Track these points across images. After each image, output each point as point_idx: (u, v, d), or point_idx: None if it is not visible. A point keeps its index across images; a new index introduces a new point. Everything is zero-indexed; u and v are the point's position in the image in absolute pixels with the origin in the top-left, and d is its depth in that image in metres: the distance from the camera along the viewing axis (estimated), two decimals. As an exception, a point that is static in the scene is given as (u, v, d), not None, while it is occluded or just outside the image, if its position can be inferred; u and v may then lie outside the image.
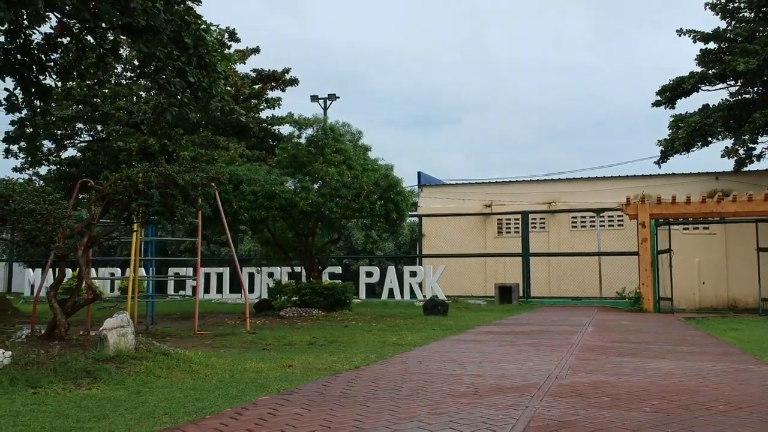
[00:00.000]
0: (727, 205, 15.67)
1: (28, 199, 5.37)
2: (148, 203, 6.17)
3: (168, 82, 11.51)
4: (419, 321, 12.94)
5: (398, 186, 14.13)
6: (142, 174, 6.10)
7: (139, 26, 10.98)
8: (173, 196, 6.30)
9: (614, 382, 4.85)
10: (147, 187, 6.18)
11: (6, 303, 14.48)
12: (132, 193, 6.25)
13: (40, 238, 5.45)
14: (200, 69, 12.21)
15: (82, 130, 32.17)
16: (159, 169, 6.14)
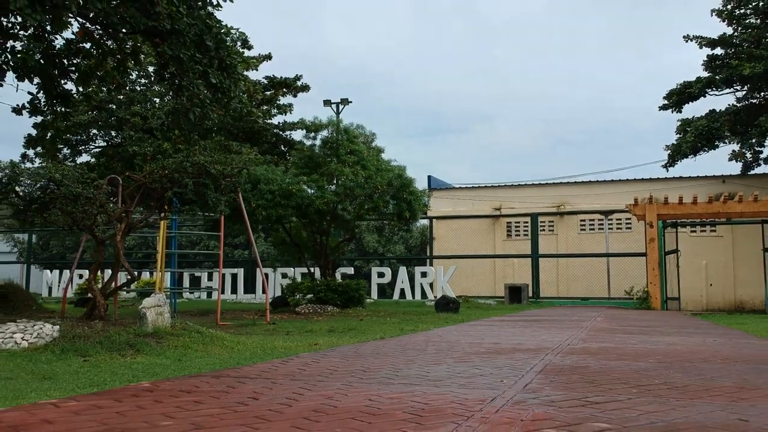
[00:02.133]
0: (733, 205, 15.96)
1: (77, 184, 5.77)
2: (182, 192, 6.56)
3: (191, 84, 11.96)
4: (432, 316, 13.29)
5: (411, 186, 14.51)
6: (177, 163, 6.49)
7: (164, 30, 11.44)
8: (206, 185, 6.69)
9: (621, 348, 5.25)
10: (181, 177, 6.57)
11: (30, 299, 14.86)
12: (167, 182, 6.64)
13: (85, 221, 5.83)
14: (221, 71, 12.64)
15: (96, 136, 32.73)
16: (193, 158, 6.54)
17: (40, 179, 5.58)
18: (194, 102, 12.81)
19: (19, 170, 5.69)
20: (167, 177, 6.54)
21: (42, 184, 5.58)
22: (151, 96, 31.91)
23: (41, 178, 5.58)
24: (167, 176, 6.52)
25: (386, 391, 3.40)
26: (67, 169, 5.83)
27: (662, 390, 3.43)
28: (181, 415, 2.81)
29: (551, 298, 20.83)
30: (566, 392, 3.36)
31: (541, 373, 4.01)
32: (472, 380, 3.76)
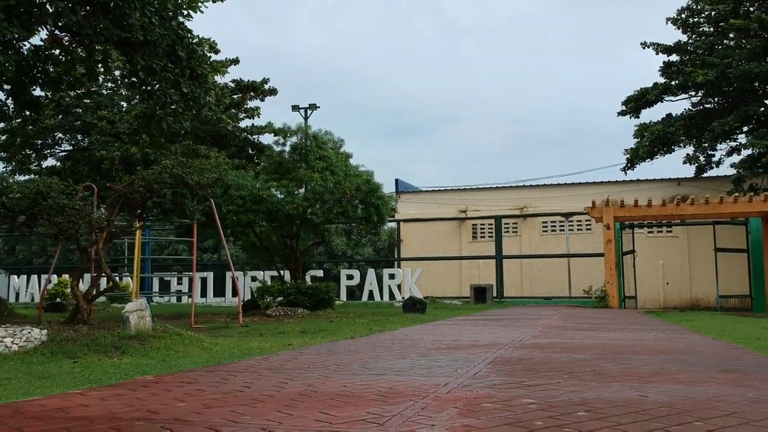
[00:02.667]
0: (685, 207, 16.75)
1: (62, 196, 6.10)
2: (161, 201, 6.93)
3: (164, 93, 12.27)
4: (399, 317, 13.77)
5: (378, 191, 14.99)
6: (156, 174, 6.86)
7: (137, 41, 11.73)
8: (183, 195, 7.07)
9: (567, 343, 5.81)
10: (160, 187, 6.94)
11: (2, 304, 14.95)
12: (146, 192, 7.01)
13: (69, 231, 6.17)
14: (192, 80, 12.96)
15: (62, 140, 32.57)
16: (171, 170, 6.91)
17: (29, 192, 5.90)
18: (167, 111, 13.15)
19: (7, 183, 6.00)
20: (146, 187, 6.90)
21: (29, 197, 5.90)
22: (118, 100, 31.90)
23: (29, 191, 5.91)
24: (146, 187, 6.88)
25: (357, 380, 3.91)
26: (54, 182, 6.16)
27: (588, 376, 3.99)
28: (190, 399, 3.34)
29: (515, 298, 21.48)
30: (507, 378, 3.91)
31: (491, 364, 4.54)
32: (431, 370, 4.28)
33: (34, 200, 5.89)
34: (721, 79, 21.44)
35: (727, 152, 22.39)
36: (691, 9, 23.55)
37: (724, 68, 21.08)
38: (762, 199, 16.43)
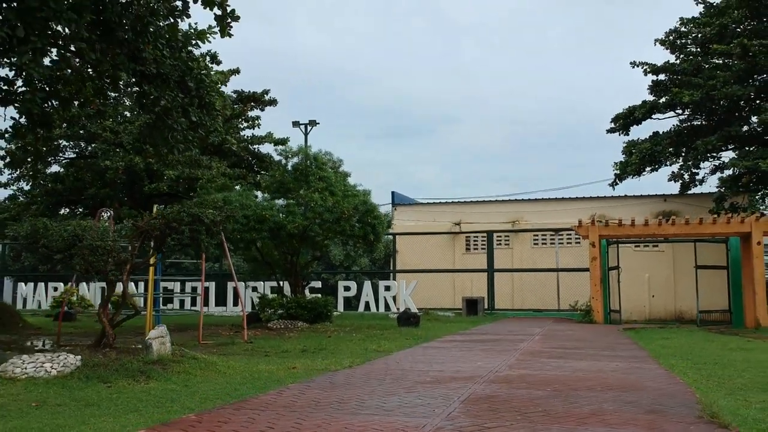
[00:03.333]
0: (666, 227, 17.59)
1: (95, 237, 6.90)
2: (180, 237, 7.74)
3: (175, 122, 13.09)
4: (394, 332, 14.60)
5: (375, 211, 15.81)
6: (175, 213, 7.68)
7: (150, 74, 12.54)
8: (199, 231, 7.88)
9: (535, 375, 6.60)
10: (178, 225, 7.76)
11: (16, 316, 15.77)
12: (166, 228, 7.82)
13: (100, 267, 6.98)
14: (201, 108, 13.77)
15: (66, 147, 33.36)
16: (189, 210, 7.73)
17: (67, 235, 6.70)
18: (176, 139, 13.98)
19: (48, 227, 6.81)
20: (166, 225, 7.70)
21: (67, 240, 6.69)
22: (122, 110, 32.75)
23: (67, 233, 6.70)
24: (166, 224, 7.69)
25: (356, 420, 4.71)
26: (88, 225, 6.95)
27: (538, 416, 4.81)
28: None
29: (505, 310, 22.30)
30: (473, 420, 4.70)
31: (464, 403, 5.33)
32: (415, 409, 5.09)
33: (71, 243, 6.69)
34: (706, 100, 22.30)
35: (711, 170, 23.25)
36: (679, 32, 24.43)
37: (708, 90, 21.93)
38: (739, 220, 17.27)
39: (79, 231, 6.66)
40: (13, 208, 33.34)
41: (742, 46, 21.02)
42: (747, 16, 24.04)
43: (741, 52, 21.18)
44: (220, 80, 31.10)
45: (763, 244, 17.24)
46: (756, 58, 21.25)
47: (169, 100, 12.89)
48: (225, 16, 12.75)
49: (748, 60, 21.39)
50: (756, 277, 16.95)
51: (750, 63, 21.47)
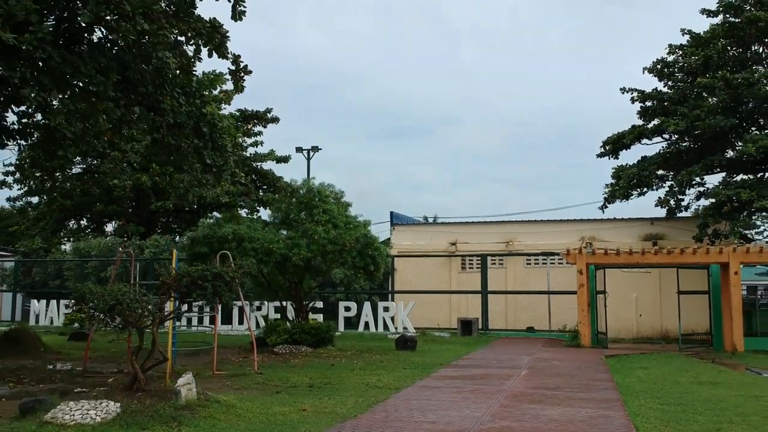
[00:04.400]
0: (649, 257, 18.64)
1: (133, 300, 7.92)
2: (203, 293, 8.76)
3: (191, 167, 14.13)
4: (392, 357, 15.66)
5: (375, 243, 16.86)
6: (201, 272, 8.71)
7: (167, 124, 13.57)
8: (221, 287, 8.91)
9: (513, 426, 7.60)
10: (203, 281, 8.79)
11: (37, 339, 16.71)
12: (191, 285, 8.85)
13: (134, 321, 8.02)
14: (214, 151, 14.80)
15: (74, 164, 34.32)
16: (213, 270, 8.76)
17: (109, 298, 7.72)
18: (192, 183, 15.03)
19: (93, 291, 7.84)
20: (191, 281, 8.72)
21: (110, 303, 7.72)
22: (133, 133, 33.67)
23: (110, 297, 7.73)
24: (191, 281, 8.71)
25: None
26: (126, 289, 7.98)
27: None
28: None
29: (499, 330, 23.36)
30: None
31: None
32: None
33: (113, 305, 7.72)
34: (691, 129, 23.36)
35: (696, 196, 24.36)
36: (666, 61, 25.49)
37: (693, 119, 22.99)
38: (717, 251, 18.34)
39: (120, 295, 7.69)
40: (23, 222, 34.38)
41: (725, 80, 22.10)
42: (732, 45, 25.13)
43: (724, 84, 22.26)
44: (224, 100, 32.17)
45: (740, 274, 18.29)
46: (738, 90, 22.32)
47: (185, 147, 13.94)
48: (238, 70, 13.79)
49: (731, 92, 22.46)
50: (733, 305, 18.01)
51: (733, 95, 22.54)
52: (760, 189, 21.17)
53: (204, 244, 16.14)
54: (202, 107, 14.40)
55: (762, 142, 21.01)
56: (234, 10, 12.56)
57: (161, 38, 11.64)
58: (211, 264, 9.11)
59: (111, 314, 7.85)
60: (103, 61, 11.79)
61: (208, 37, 13.01)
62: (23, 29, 10.63)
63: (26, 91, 10.75)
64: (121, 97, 12.36)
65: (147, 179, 29.99)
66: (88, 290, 7.82)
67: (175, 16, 12.70)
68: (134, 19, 10.96)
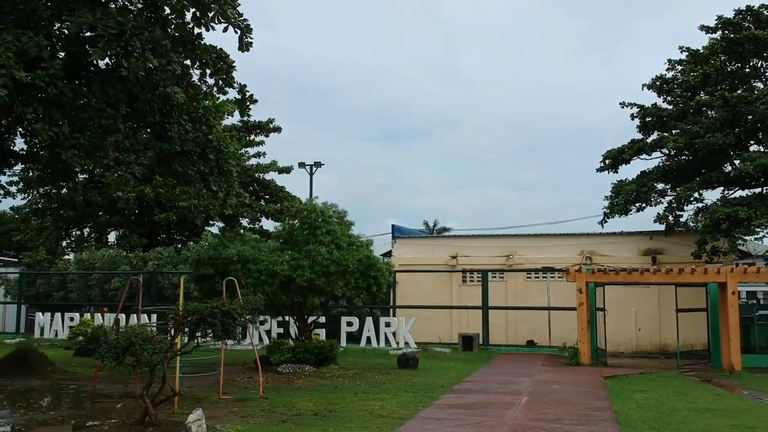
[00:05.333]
0: (648, 276, 18.89)
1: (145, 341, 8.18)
2: (213, 330, 9.01)
3: (197, 193, 14.38)
4: (394, 377, 15.90)
5: (377, 264, 17.11)
6: (210, 309, 8.95)
7: (174, 151, 13.83)
8: (229, 323, 9.16)
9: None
10: (212, 318, 9.04)
11: (45, 359, 16.93)
12: (200, 321, 9.09)
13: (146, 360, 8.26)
14: (220, 176, 15.05)
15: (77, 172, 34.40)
16: (222, 307, 9.00)
17: (123, 340, 7.98)
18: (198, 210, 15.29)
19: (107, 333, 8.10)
20: (200, 318, 8.98)
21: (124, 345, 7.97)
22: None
23: (124, 339, 7.98)
24: (200, 318, 8.96)
25: None
26: (138, 331, 8.23)
27: None
28: None
29: (499, 346, 23.61)
30: None
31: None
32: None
33: (125, 346, 7.98)
34: (689, 146, 23.60)
35: (694, 212, 24.59)
36: (664, 78, 25.74)
37: (692, 136, 23.23)
38: (715, 271, 18.58)
39: (132, 337, 7.95)
40: (27, 231, 34.64)
41: (724, 99, 22.33)
42: (731, 61, 25.39)
43: (722, 103, 22.50)
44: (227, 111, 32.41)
45: (737, 294, 18.54)
46: (736, 108, 22.56)
47: (192, 174, 14.20)
48: (244, 99, 14.05)
49: (729, 110, 22.69)
50: (731, 324, 18.25)
51: (731, 113, 22.78)
52: (757, 207, 21.40)
53: (209, 265, 16.38)
54: (208, 133, 14.67)
55: (760, 161, 21.24)
56: (241, 42, 12.80)
57: (169, 73, 11.90)
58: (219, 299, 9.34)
59: (124, 355, 8.10)
60: (112, 93, 12.06)
61: (214, 67, 13.28)
62: (35, 65, 10.90)
63: (38, 126, 11.00)
64: (129, 128, 12.63)
65: (150, 191, 30.28)
66: (102, 332, 8.07)
67: (182, 47, 12.98)
68: (143, 55, 11.22)
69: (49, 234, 33.60)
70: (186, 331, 9.30)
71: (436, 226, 65.66)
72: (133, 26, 11.07)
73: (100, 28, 10.78)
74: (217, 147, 14.78)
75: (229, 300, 9.72)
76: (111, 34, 10.79)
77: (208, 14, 12.51)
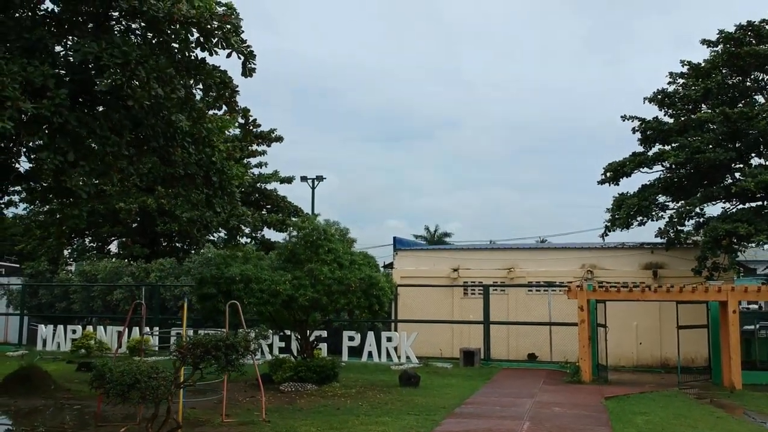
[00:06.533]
0: (649, 294, 18.96)
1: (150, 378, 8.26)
2: (217, 363, 9.09)
3: (202, 216, 14.46)
4: (396, 397, 15.94)
5: (379, 283, 17.16)
6: (215, 342, 9.03)
7: (178, 175, 13.90)
8: (232, 355, 9.23)
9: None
10: (216, 351, 9.11)
11: (48, 378, 17.00)
12: (203, 353, 9.17)
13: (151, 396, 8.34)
14: (223, 197, 15.13)
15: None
16: (225, 341, 9.08)
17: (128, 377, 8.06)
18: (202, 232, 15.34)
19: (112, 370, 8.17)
20: (204, 350, 9.05)
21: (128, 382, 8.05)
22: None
23: (129, 376, 8.06)
24: (205, 350, 9.04)
25: None
26: (143, 368, 8.31)
27: None
28: None
29: (500, 361, 23.68)
30: None
31: None
32: None
33: (131, 384, 8.05)
34: (690, 160, 23.67)
35: (695, 227, 24.64)
36: (666, 92, 25.82)
37: (693, 151, 23.31)
38: (716, 289, 18.64)
39: (138, 374, 8.02)
40: (29, 241, 34.71)
41: (725, 114, 22.41)
42: (732, 74, 25.47)
43: (723, 118, 22.58)
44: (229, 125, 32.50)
45: (738, 313, 18.60)
46: (737, 123, 22.64)
47: (196, 197, 14.28)
48: (247, 124, 14.12)
49: (730, 125, 22.78)
50: (732, 343, 18.31)
51: (732, 128, 22.86)
52: (757, 222, 21.47)
53: (212, 284, 16.46)
54: (211, 155, 14.74)
55: (761, 177, 21.32)
56: (244, 68, 12.88)
57: (174, 100, 11.98)
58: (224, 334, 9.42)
59: (129, 392, 8.18)
60: (116, 119, 12.14)
61: (218, 92, 13.36)
62: (41, 95, 10.98)
63: (43, 154, 11.08)
64: (134, 154, 12.70)
65: (152, 201, 30.36)
66: (108, 369, 8.15)
67: (185, 70, 13.06)
68: (149, 84, 11.30)
69: (50, 245, 33.66)
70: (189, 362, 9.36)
71: (437, 231, 65.79)
72: (138, 55, 11.16)
73: (106, 57, 10.86)
74: (220, 168, 14.85)
75: (232, 332, 9.79)
76: (116, 63, 10.86)
77: (212, 40, 12.58)
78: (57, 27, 12.93)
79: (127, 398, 8.46)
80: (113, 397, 8.30)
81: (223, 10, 12.70)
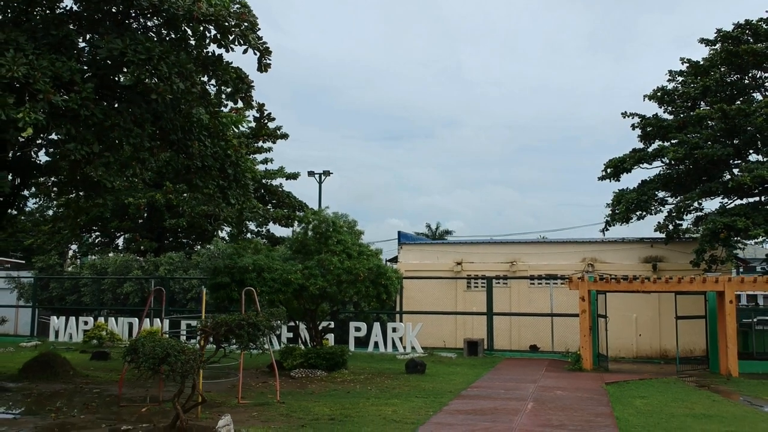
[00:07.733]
0: (649, 285, 19.50)
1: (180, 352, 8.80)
2: (240, 341, 9.63)
3: (217, 206, 15.01)
4: (404, 382, 16.50)
5: (387, 273, 17.73)
6: (237, 321, 9.58)
7: (195, 168, 14.44)
8: (255, 334, 9.78)
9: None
10: (239, 329, 9.66)
11: (67, 364, 17.54)
12: (228, 332, 9.72)
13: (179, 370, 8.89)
14: (238, 189, 15.68)
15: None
16: (249, 320, 9.64)
17: (161, 351, 8.61)
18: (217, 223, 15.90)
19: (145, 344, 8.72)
20: (229, 329, 9.60)
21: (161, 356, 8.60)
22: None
23: (161, 350, 8.61)
24: (229, 329, 9.59)
25: None
26: (172, 344, 8.85)
27: None
28: None
29: (503, 351, 24.23)
30: None
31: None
32: None
33: (162, 357, 8.61)
34: (688, 156, 24.20)
35: (693, 221, 25.19)
36: (665, 89, 26.36)
37: (692, 147, 23.84)
38: (714, 280, 19.19)
39: (169, 349, 8.58)
40: (39, 236, 35.28)
41: (723, 111, 22.94)
42: (730, 72, 25.98)
43: (721, 115, 23.11)
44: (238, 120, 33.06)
45: (735, 303, 19.14)
46: (735, 120, 23.17)
47: (212, 188, 14.83)
48: (262, 117, 14.65)
49: (728, 122, 23.31)
50: (728, 332, 18.86)
51: (730, 124, 23.40)
52: (754, 216, 22.00)
53: (225, 274, 17.01)
54: (227, 149, 15.29)
55: (757, 172, 21.84)
56: (260, 63, 13.43)
57: (194, 95, 12.52)
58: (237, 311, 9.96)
59: (160, 365, 8.72)
60: (138, 113, 12.68)
61: (234, 87, 13.90)
62: (68, 89, 11.53)
63: (70, 145, 11.63)
64: (155, 146, 13.25)
65: (160, 196, 30.92)
66: (141, 344, 8.69)
67: (203, 67, 13.60)
68: (170, 79, 11.85)
69: (60, 239, 34.22)
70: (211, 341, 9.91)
71: (439, 229, 66.29)
72: (160, 51, 11.70)
73: (130, 53, 11.40)
74: (235, 161, 15.39)
75: (253, 312, 10.34)
76: (140, 59, 11.41)
77: (229, 36, 13.12)
78: (78, 24, 13.47)
79: (156, 371, 8.99)
80: (144, 371, 8.84)
81: (237, 7, 13.25)
